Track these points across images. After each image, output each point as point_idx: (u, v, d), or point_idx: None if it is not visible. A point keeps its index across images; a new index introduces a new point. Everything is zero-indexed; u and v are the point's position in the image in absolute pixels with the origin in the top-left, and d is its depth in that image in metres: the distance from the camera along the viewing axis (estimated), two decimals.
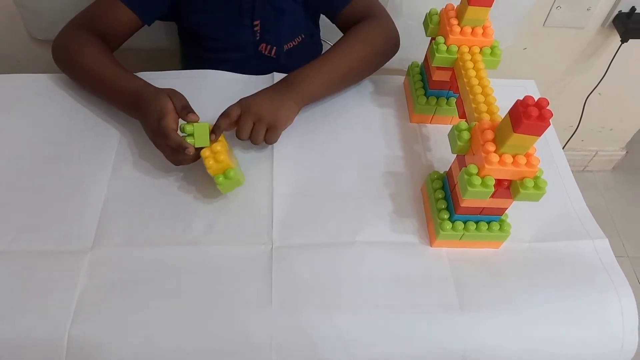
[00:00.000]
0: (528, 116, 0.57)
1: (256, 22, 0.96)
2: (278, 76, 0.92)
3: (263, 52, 1.00)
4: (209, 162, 0.72)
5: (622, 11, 1.29)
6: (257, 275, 0.69)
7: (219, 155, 0.72)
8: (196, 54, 1.03)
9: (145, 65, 0.93)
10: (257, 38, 0.98)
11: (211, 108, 0.86)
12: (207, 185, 0.78)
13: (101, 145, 0.81)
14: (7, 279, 0.67)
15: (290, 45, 1.02)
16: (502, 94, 0.71)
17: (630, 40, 1.32)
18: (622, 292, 0.71)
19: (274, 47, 1.00)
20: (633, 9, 1.29)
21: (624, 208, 1.76)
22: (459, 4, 0.78)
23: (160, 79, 0.90)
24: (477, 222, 0.72)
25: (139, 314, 0.66)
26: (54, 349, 0.63)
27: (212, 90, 0.89)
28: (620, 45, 1.34)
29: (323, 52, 1.11)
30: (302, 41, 1.03)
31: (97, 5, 0.91)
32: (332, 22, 1.00)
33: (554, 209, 0.79)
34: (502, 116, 0.63)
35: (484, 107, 0.69)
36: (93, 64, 0.84)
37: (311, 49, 1.08)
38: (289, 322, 0.66)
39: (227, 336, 0.65)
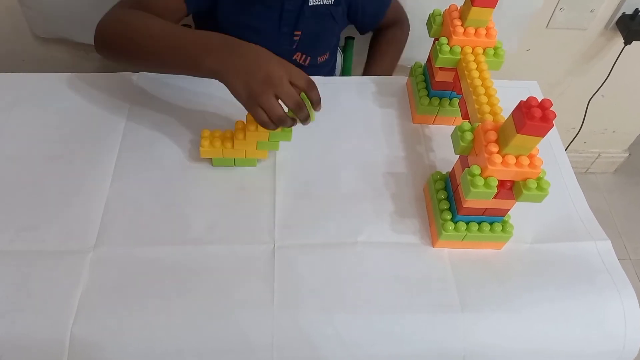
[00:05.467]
0: (531, 117, 0.57)
1: (297, 32, 0.98)
2: None
3: (298, 60, 1.02)
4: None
5: (626, 13, 1.29)
6: (259, 275, 0.69)
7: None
8: None
9: None
10: (294, 47, 1.00)
11: (213, 108, 0.86)
12: (209, 184, 0.78)
13: (103, 144, 0.81)
14: (8, 278, 0.67)
15: (322, 58, 1.04)
16: (505, 95, 0.71)
17: (633, 42, 1.32)
18: (624, 294, 0.71)
19: (309, 58, 1.02)
20: (637, 11, 1.29)
21: (626, 210, 1.76)
22: (462, 4, 0.78)
23: (165, 79, 0.90)
24: (479, 223, 0.71)
25: (140, 313, 0.65)
26: (56, 349, 0.63)
27: (214, 90, 0.88)
28: (624, 47, 1.34)
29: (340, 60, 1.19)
30: (330, 54, 1.06)
31: None
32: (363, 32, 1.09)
33: (556, 210, 0.79)
34: (505, 117, 0.63)
35: (487, 108, 0.69)
36: (151, 23, 0.76)
37: (332, 60, 1.11)
38: (290, 322, 0.66)
39: (228, 336, 0.65)
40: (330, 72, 1.14)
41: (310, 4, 0.95)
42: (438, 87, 0.85)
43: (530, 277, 0.72)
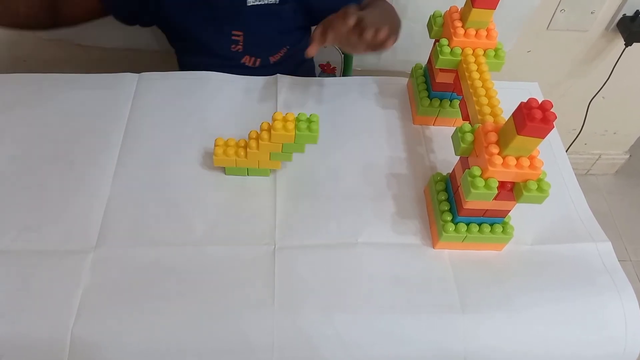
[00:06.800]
0: (532, 118, 0.57)
1: (238, 33, 0.95)
2: (282, 78, 0.92)
3: (247, 64, 0.99)
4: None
5: (626, 15, 1.29)
6: (259, 275, 0.69)
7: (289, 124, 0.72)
8: (187, 59, 1.03)
9: (145, 66, 0.94)
10: (240, 50, 0.97)
11: (213, 109, 0.87)
12: (209, 185, 0.78)
13: (104, 144, 0.81)
14: (9, 278, 0.67)
15: (276, 57, 1.00)
16: (506, 96, 0.71)
17: (634, 43, 1.32)
18: (624, 296, 0.71)
19: (258, 59, 0.99)
20: (637, 12, 1.29)
21: (626, 212, 1.76)
22: (463, 6, 0.78)
23: (162, 80, 0.90)
24: (480, 224, 0.71)
25: (141, 314, 0.66)
26: (57, 348, 0.63)
27: (214, 92, 0.89)
28: (624, 48, 1.34)
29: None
30: (288, 51, 1.01)
31: None
32: None
33: (557, 211, 0.79)
34: (506, 118, 0.63)
35: (487, 110, 0.69)
36: None
37: (299, 55, 1.04)
38: (290, 322, 0.66)
39: (229, 336, 0.65)
40: (299, 64, 1.07)
41: (249, 4, 0.92)
42: (438, 89, 0.85)
43: (531, 278, 0.72)
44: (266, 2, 0.92)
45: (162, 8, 0.94)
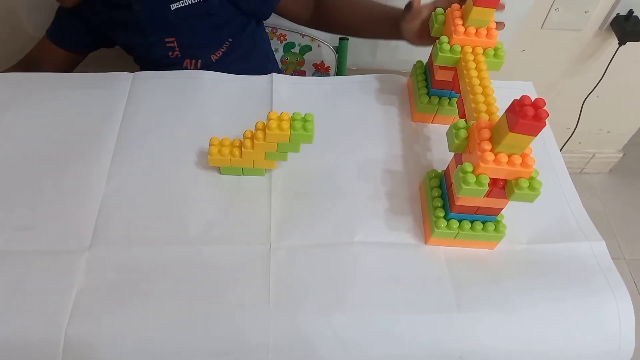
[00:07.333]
0: (524, 115, 0.57)
1: (171, 39, 0.95)
2: (277, 77, 0.92)
3: (189, 67, 0.99)
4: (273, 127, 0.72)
5: (620, 14, 1.30)
6: (255, 275, 0.69)
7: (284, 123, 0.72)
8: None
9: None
10: (179, 55, 0.97)
11: (207, 109, 0.86)
12: (205, 184, 0.78)
13: (98, 144, 0.81)
14: (3, 278, 0.67)
15: (219, 54, 1.00)
16: (500, 95, 0.71)
17: (627, 42, 1.33)
18: (618, 294, 0.70)
19: (199, 60, 0.99)
20: (631, 11, 1.29)
21: (621, 210, 1.77)
22: (464, 4, 0.78)
23: (157, 79, 0.90)
24: (472, 222, 0.71)
25: (136, 314, 0.65)
26: (51, 349, 0.63)
27: (209, 91, 0.89)
28: (618, 47, 1.34)
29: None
30: (232, 44, 1.01)
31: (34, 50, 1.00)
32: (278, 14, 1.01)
33: (551, 210, 0.79)
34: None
35: (483, 107, 0.69)
36: None
37: (247, 45, 1.05)
38: (286, 322, 0.66)
39: (225, 336, 0.65)
40: (249, 51, 1.06)
41: (173, 9, 0.92)
42: (438, 86, 0.85)
43: (526, 277, 0.72)
44: (189, 2, 0.91)
45: (96, 29, 0.97)
